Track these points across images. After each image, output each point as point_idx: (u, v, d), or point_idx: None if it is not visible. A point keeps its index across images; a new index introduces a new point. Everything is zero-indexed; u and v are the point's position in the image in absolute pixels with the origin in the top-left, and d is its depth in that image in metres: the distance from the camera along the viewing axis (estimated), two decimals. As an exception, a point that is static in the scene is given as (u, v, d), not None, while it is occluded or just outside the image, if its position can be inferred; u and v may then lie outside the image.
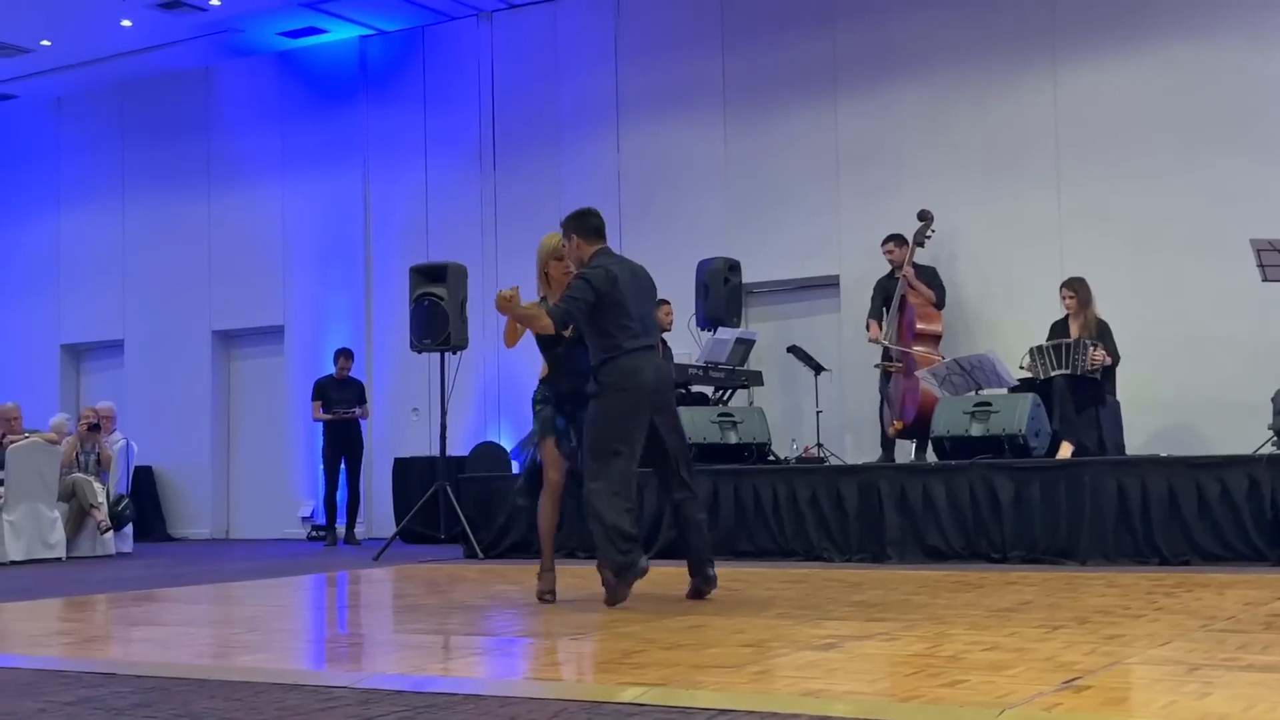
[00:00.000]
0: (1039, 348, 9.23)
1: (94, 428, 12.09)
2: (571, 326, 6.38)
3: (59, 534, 11.16)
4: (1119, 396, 9.36)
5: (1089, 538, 8.09)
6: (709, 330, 11.04)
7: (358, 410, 12.54)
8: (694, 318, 11.16)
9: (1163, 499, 7.94)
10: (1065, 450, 8.80)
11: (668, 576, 7.85)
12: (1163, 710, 3.38)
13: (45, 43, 13.83)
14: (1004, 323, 10.57)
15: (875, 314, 10.54)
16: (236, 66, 14.63)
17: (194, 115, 14.85)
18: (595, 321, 6.26)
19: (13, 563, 10.68)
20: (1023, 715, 3.35)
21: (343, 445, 12.52)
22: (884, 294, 10.51)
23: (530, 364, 12.76)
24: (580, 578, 8.01)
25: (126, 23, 13.26)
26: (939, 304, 10.38)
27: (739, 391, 11.07)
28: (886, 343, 10.31)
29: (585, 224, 6.51)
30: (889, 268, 10.53)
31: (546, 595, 6.59)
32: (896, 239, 10.45)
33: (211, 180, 14.71)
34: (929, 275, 10.41)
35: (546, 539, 6.67)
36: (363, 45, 13.92)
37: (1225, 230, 9.90)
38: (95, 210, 15.42)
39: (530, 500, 6.74)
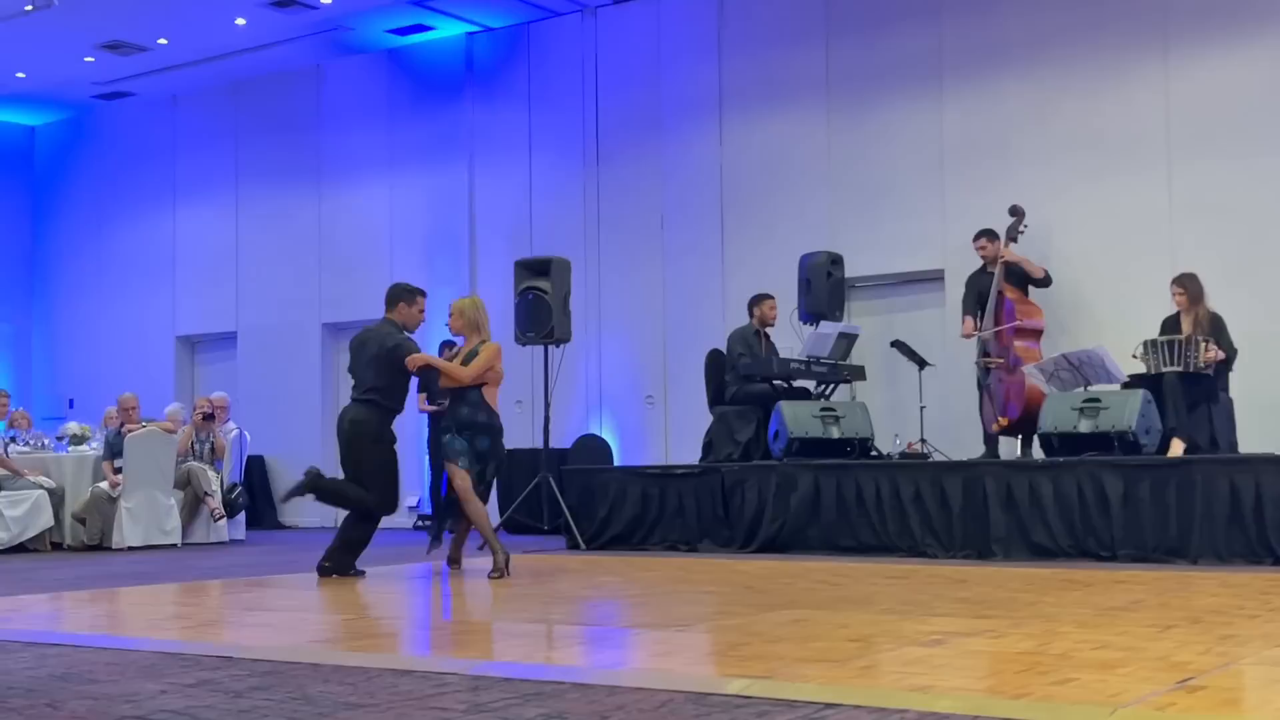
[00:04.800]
0: (1152, 341, 9.05)
1: (209, 417, 12.36)
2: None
3: (175, 521, 11.45)
4: (1232, 393, 9.16)
5: (1201, 537, 7.93)
6: (811, 324, 10.99)
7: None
8: (796, 312, 11.12)
9: (1277, 498, 7.76)
10: (1177, 448, 8.63)
11: (770, 571, 7.86)
12: (1279, 713, 3.33)
13: (162, 41, 14.18)
14: (1114, 318, 10.37)
15: (969, 310, 10.42)
16: (346, 64, 14.88)
17: (304, 113, 15.14)
18: None
19: (130, 548, 10.98)
20: (1136, 715, 3.31)
21: (448, 437, 12.67)
22: (976, 290, 10.38)
23: (631, 361, 12.87)
24: (683, 569, 8.04)
25: (240, 21, 13.55)
26: (1047, 280, 10.21)
27: (841, 386, 11.01)
28: (983, 334, 10.18)
29: None
30: (981, 264, 10.40)
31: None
32: (988, 234, 10.33)
33: (322, 176, 14.99)
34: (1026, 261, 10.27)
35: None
36: (469, 42, 14.06)
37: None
38: (210, 206, 15.78)
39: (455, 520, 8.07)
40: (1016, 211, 10.24)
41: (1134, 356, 9.10)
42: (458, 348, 8.40)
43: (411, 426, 13.76)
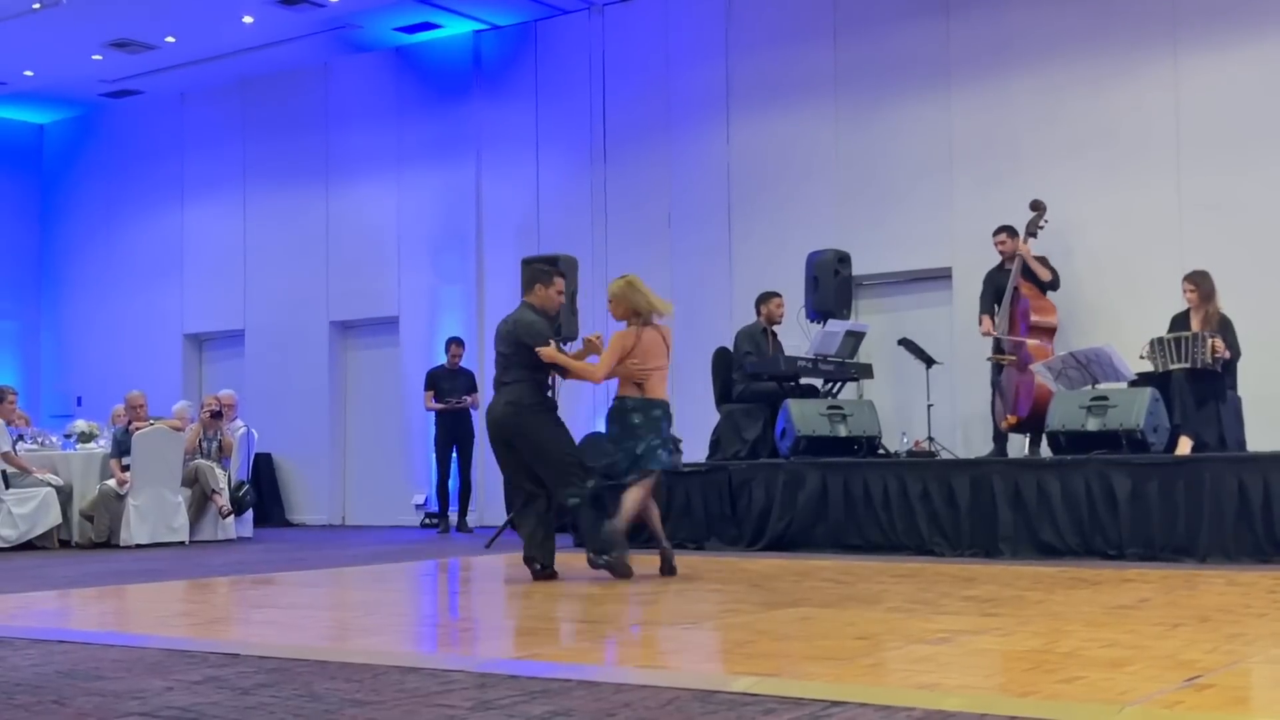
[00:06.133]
0: (1159, 339, 9.04)
1: (216, 415, 12.37)
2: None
3: (182, 518, 11.46)
4: (1240, 392, 9.14)
5: (1208, 535, 7.91)
6: (819, 322, 10.99)
7: (469, 399, 12.71)
8: (804, 310, 11.11)
9: (1286, 497, 7.74)
10: (1184, 446, 8.61)
11: (777, 569, 7.86)
12: (1287, 711, 3.32)
13: (170, 39, 14.19)
14: (1122, 316, 10.36)
15: (986, 308, 10.40)
16: (353, 62, 14.89)
17: (312, 111, 15.15)
18: None
19: (138, 546, 11.00)
20: (1144, 713, 3.30)
21: (454, 434, 12.71)
22: (994, 287, 10.36)
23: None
24: (690, 567, 8.04)
25: (248, 19, 13.56)
26: (1055, 284, 10.18)
27: (849, 384, 11.00)
28: (999, 334, 10.17)
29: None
30: (1000, 260, 10.38)
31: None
32: (1008, 230, 10.30)
33: (329, 174, 15.00)
34: (1040, 262, 10.24)
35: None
36: (476, 40, 14.07)
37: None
38: (217, 204, 15.80)
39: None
40: (1037, 206, 10.20)
41: (1141, 357, 9.09)
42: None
43: (419, 424, 13.79)
